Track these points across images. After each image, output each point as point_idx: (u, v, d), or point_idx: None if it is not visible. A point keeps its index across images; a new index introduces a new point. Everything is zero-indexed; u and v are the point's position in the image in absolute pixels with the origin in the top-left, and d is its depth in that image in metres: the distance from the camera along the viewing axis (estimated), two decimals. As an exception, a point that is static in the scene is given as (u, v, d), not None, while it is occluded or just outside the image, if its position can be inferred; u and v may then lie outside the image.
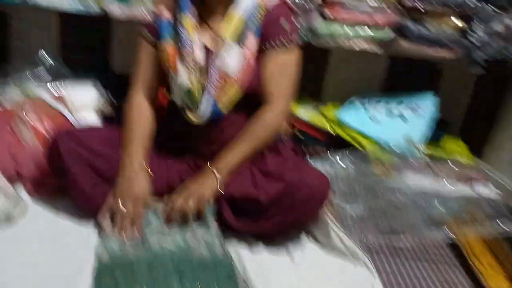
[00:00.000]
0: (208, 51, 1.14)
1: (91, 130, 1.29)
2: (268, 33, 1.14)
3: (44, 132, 1.41)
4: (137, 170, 1.13)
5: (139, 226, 1.08)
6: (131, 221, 1.08)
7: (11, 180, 1.25)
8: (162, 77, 1.21)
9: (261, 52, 1.15)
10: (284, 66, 1.15)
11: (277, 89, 1.15)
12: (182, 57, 1.12)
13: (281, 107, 1.17)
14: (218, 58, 1.12)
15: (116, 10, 1.66)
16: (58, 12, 1.99)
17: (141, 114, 1.20)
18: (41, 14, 2.04)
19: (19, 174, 1.29)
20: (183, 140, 1.24)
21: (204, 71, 1.13)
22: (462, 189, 1.56)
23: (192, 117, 1.16)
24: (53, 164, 1.16)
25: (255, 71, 1.14)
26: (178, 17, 1.13)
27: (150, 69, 1.21)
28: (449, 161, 1.73)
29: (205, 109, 1.15)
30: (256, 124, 1.16)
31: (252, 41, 1.12)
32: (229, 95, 1.14)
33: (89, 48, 2.10)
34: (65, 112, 1.52)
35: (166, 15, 1.16)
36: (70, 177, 1.13)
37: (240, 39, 1.11)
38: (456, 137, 1.92)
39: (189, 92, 1.13)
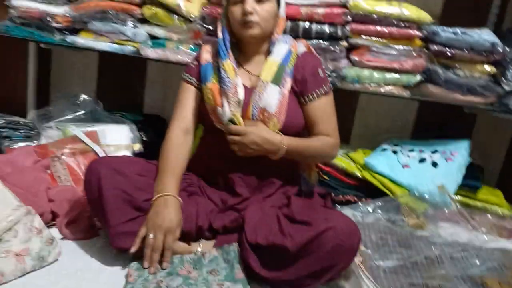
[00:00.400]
0: (246, 89, 1.28)
1: (129, 159, 1.40)
2: (308, 84, 1.30)
3: (79, 172, 1.45)
4: (169, 202, 1.16)
5: (168, 258, 1.13)
6: (160, 254, 1.12)
7: (46, 220, 1.28)
8: (201, 116, 1.33)
9: (296, 93, 1.31)
10: (328, 109, 1.33)
11: (330, 129, 1.33)
12: (225, 95, 1.25)
13: (337, 140, 1.35)
14: (259, 97, 1.25)
15: (151, 52, 1.73)
16: (97, 52, 2.11)
17: (177, 146, 1.28)
18: (81, 57, 2.16)
19: (54, 213, 1.32)
20: (218, 175, 1.29)
21: (244, 106, 1.26)
22: (502, 244, 1.48)
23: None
24: (90, 191, 1.19)
25: (289, 106, 1.27)
26: (220, 63, 1.27)
27: (190, 107, 1.32)
28: (486, 212, 1.66)
29: None
30: (321, 139, 1.31)
31: (287, 82, 1.29)
32: (269, 129, 1.25)
33: (124, 88, 2.20)
34: (100, 152, 1.56)
35: (208, 60, 1.31)
36: (105, 205, 1.15)
37: (279, 81, 1.27)
38: (494, 187, 1.85)
39: (232, 121, 1.25)
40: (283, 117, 1.25)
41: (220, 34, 1.29)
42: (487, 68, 1.65)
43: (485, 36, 1.61)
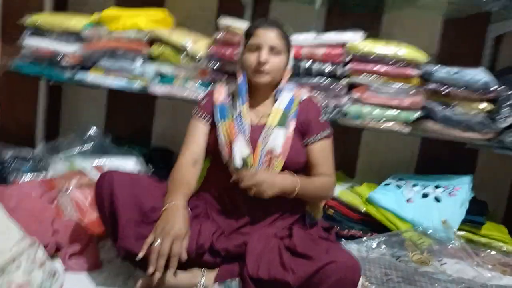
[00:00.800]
0: (252, 127, 1.37)
1: (140, 174, 1.45)
2: (310, 129, 1.40)
3: (85, 205, 1.46)
4: (177, 210, 1.19)
5: (174, 265, 1.12)
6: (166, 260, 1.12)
7: (50, 251, 1.28)
8: (209, 150, 1.40)
9: (299, 133, 1.39)
10: (327, 151, 1.42)
11: (328, 170, 1.41)
12: (239, 135, 1.34)
13: (334, 181, 1.43)
14: (267, 140, 1.34)
15: (159, 89, 1.79)
16: (106, 89, 2.19)
17: (186, 174, 1.34)
18: (90, 91, 2.23)
19: (59, 246, 1.32)
20: (223, 203, 1.33)
21: (253, 146, 1.34)
22: (506, 281, 1.46)
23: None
24: (101, 196, 1.21)
25: (292, 146, 1.36)
26: (238, 106, 1.38)
27: (199, 141, 1.40)
28: (490, 248, 1.65)
29: None
30: (321, 179, 1.38)
31: (291, 124, 1.39)
32: (275, 167, 1.33)
33: (133, 122, 2.25)
34: (105, 186, 1.57)
35: (223, 100, 1.42)
36: (117, 207, 1.18)
37: (284, 124, 1.37)
38: (499, 222, 1.84)
39: (247, 157, 1.31)
40: (287, 154, 1.33)
41: (240, 79, 1.40)
42: (483, 105, 1.69)
43: (478, 75, 1.67)
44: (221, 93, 1.44)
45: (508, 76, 1.78)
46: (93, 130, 1.85)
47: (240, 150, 1.32)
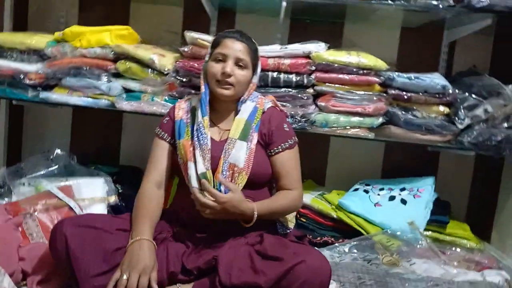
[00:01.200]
0: (214, 142, 1.35)
1: (94, 215, 1.41)
2: (274, 138, 1.39)
3: (52, 227, 1.42)
4: (143, 244, 1.19)
5: None
6: None
7: (16, 279, 1.24)
8: (174, 170, 1.38)
9: (262, 145, 1.38)
10: (292, 161, 1.40)
11: (294, 181, 1.39)
12: (201, 150, 1.31)
13: (300, 192, 1.41)
14: (229, 153, 1.32)
15: (126, 105, 1.78)
16: (71, 107, 2.14)
17: (150, 199, 1.33)
18: (54, 111, 2.18)
19: (26, 273, 1.28)
20: (192, 221, 1.31)
21: (215, 161, 1.31)
22: (471, 276, 1.53)
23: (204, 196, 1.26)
24: (56, 251, 1.17)
25: (256, 159, 1.34)
26: (196, 119, 1.35)
27: (163, 162, 1.39)
28: (455, 246, 1.72)
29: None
30: (286, 195, 1.37)
31: (254, 137, 1.37)
32: (238, 183, 1.31)
33: (100, 141, 2.21)
34: (74, 207, 1.54)
35: (182, 116, 1.40)
36: (74, 263, 1.14)
37: (246, 137, 1.35)
38: (462, 221, 1.92)
39: (205, 176, 1.28)
40: (250, 170, 1.32)
41: (202, 88, 1.38)
42: (441, 108, 1.78)
43: (436, 79, 1.75)
44: (181, 108, 1.42)
45: (463, 79, 1.88)
46: (58, 151, 1.80)
47: (200, 167, 1.28)
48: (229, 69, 1.33)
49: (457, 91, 1.77)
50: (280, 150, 1.38)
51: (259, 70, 1.45)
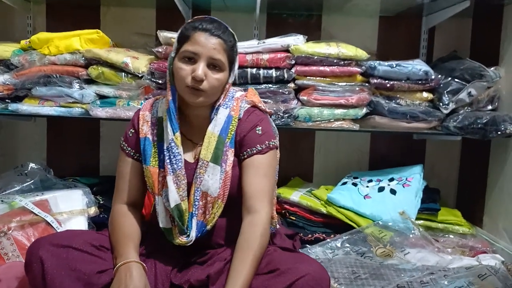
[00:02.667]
0: (188, 165, 1.18)
1: (72, 232, 1.21)
2: (244, 142, 1.18)
3: (28, 245, 1.34)
4: (131, 269, 1.07)
5: None
6: None
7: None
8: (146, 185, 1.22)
9: (238, 157, 1.19)
10: (261, 169, 1.16)
11: (259, 196, 1.13)
12: (175, 175, 1.15)
13: (268, 211, 1.14)
14: (200, 180, 1.15)
15: (100, 112, 1.71)
16: (45, 118, 2.06)
17: (126, 219, 1.20)
18: (27, 123, 2.09)
19: (1, 294, 1.21)
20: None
21: (187, 188, 1.16)
22: (466, 261, 1.51)
23: (179, 239, 1.16)
24: (33, 276, 1.06)
25: (234, 178, 1.17)
26: (166, 135, 1.16)
27: (132, 180, 1.23)
28: (448, 232, 1.70)
29: (193, 233, 1.16)
30: (255, 238, 1.10)
31: (230, 155, 1.17)
32: (214, 212, 1.16)
33: (77, 152, 2.13)
34: (52, 221, 1.47)
35: (147, 133, 1.20)
36: (52, 285, 1.03)
37: (219, 160, 1.15)
38: (452, 207, 1.90)
39: (178, 209, 1.14)
40: (227, 194, 1.16)
41: (169, 95, 1.17)
42: (425, 95, 1.76)
43: (418, 66, 1.73)
44: (146, 121, 1.21)
45: (444, 64, 1.87)
46: (33, 165, 1.72)
47: (170, 197, 1.13)
48: (201, 72, 1.11)
49: (439, 76, 1.76)
50: (246, 156, 1.16)
51: (236, 67, 1.23)
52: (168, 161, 1.15)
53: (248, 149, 1.17)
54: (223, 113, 1.19)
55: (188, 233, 1.16)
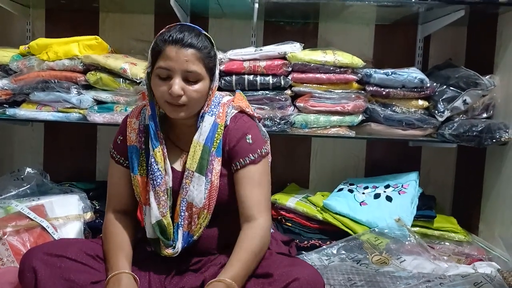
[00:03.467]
0: (175, 173, 1.18)
1: (67, 241, 1.21)
2: (234, 153, 1.17)
3: (25, 251, 1.34)
4: (122, 281, 1.06)
5: None
6: None
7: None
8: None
9: (227, 166, 1.18)
10: (255, 178, 1.16)
11: (256, 205, 1.14)
12: (154, 191, 1.14)
13: (265, 221, 1.15)
14: (186, 191, 1.15)
15: (98, 117, 1.72)
16: (42, 123, 2.06)
17: (118, 229, 1.18)
18: (24, 128, 2.10)
19: (-5, 300, 1.20)
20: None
21: (175, 195, 1.15)
22: (462, 269, 1.51)
23: (165, 251, 1.15)
24: (25, 282, 1.06)
25: (222, 188, 1.16)
26: (150, 149, 1.15)
27: (124, 189, 1.22)
28: (444, 240, 1.70)
29: (179, 244, 1.15)
30: (247, 239, 1.11)
31: (216, 165, 1.16)
32: (200, 223, 1.15)
33: (74, 157, 2.13)
34: (47, 226, 1.46)
35: (134, 141, 1.19)
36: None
37: (204, 170, 1.14)
38: (448, 214, 1.91)
39: (160, 225, 1.13)
40: (213, 204, 1.15)
41: (148, 110, 1.15)
42: (421, 102, 1.77)
43: (413, 73, 1.74)
44: (133, 128, 1.19)
45: (439, 72, 1.88)
46: (29, 170, 1.72)
47: (152, 214, 1.13)
48: (177, 88, 1.07)
49: (435, 84, 1.77)
50: (239, 167, 1.15)
51: (218, 71, 1.18)
52: (150, 176, 1.15)
53: (241, 159, 1.15)
54: (208, 121, 1.16)
55: (174, 245, 1.15)
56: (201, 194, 1.13)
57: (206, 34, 1.16)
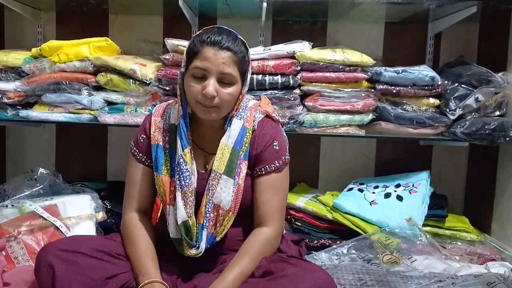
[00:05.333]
0: (199, 174, 1.18)
1: (80, 238, 1.22)
2: (261, 159, 1.18)
3: (38, 249, 1.36)
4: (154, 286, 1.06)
5: None
6: None
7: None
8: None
9: (252, 170, 1.19)
10: (276, 187, 1.18)
11: (271, 213, 1.16)
12: (182, 191, 1.14)
13: (276, 230, 1.17)
14: (213, 193, 1.15)
15: (109, 118, 1.73)
16: (54, 124, 2.09)
17: (141, 230, 1.18)
18: (37, 129, 2.13)
19: (10, 298, 1.22)
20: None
21: (198, 196, 1.16)
22: (475, 269, 1.49)
23: (188, 252, 1.15)
24: (42, 282, 1.08)
25: (245, 190, 1.18)
26: (177, 148, 1.16)
27: (143, 186, 1.22)
28: (456, 239, 1.68)
29: (203, 245, 1.16)
30: (257, 245, 1.13)
31: (243, 168, 1.17)
32: (224, 224, 1.16)
33: (85, 157, 2.16)
34: (61, 226, 1.49)
35: (159, 140, 1.19)
36: (59, 286, 1.04)
37: (232, 172, 1.15)
38: (460, 213, 1.89)
39: (186, 225, 1.14)
40: (238, 206, 1.16)
41: (180, 109, 1.16)
42: (432, 100, 1.75)
43: (424, 71, 1.72)
44: (157, 127, 1.20)
45: (451, 70, 1.86)
46: (42, 170, 1.74)
47: (178, 215, 1.12)
48: (211, 89, 1.08)
49: (446, 82, 1.75)
50: (264, 172, 1.17)
51: (249, 76, 1.20)
52: (177, 176, 1.15)
53: (267, 166, 1.18)
54: (237, 124, 1.17)
55: (197, 245, 1.16)
56: (229, 196, 1.14)
57: (242, 39, 1.18)
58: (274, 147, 1.19)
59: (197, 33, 1.16)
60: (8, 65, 1.80)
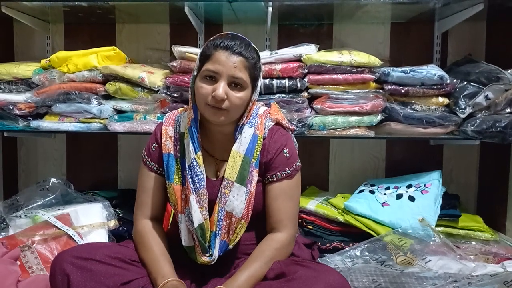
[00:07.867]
0: (209, 182, 1.19)
1: (94, 245, 1.23)
2: (272, 166, 1.19)
3: (52, 258, 1.37)
4: (176, 286, 1.08)
5: None
6: None
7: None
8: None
9: (263, 177, 1.20)
10: (288, 193, 1.19)
11: (284, 220, 1.17)
12: (197, 195, 1.15)
13: (290, 236, 1.19)
14: (225, 200, 1.15)
15: (118, 126, 1.75)
16: (64, 134, 2.11)
17: (155, 237, 1.20)
18: (48, 140, 2.15)
19: (25, 308, 1.23)
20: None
21: (209, 204, 1.16)
22: (490, 268, 1.47)
23: (201, 259, 1.16)
24: (57, 285, 1.09)
25: (257, 197, 1.18)
26: (188, 153, 1.16)
27: (154, 194, 1.23)
28: (470, 239, 1.66)
29: (216, 252, 1.16)
30: (269, 250, 1.14)
31: (255, 176, 1.18)
32: (237, 232, 1.17)
33: (96, 166, 2.17)
34: (73, 235, 1.50)
35: (170, 149, 1.20)
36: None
37: (244, 180, 1.15)
38: (473, 213, 1.86)
39: (201, 228, 1.14)
40: (250, 214, 1.17)
41: (191, 113, 1.17)
42: (441, 99, 1.74)
43: (432, 70, 1.71)
44: (168, 136, 1.21)
45: (459, 68, 1.84)
46: (54, 180, 1.76)
47: (194, 217, 1.13)
48: (221, 91, 1.09)
49: (455, 80, 1.74)
50: (275, 179, 1.18)
51: (260, 83, 1.21)
52: (190, 180, 1.16)
53: (278, 173, 1.19)
54: (248, 132, 1.18)
55: (211, 252, 1.16)
56: (241, 204, 1.14)
57: (255, 47, 1.19)
58: (285, 154, 1.20)
59: (211, 38, 1.19)
60: (18, 77, 1.82)
